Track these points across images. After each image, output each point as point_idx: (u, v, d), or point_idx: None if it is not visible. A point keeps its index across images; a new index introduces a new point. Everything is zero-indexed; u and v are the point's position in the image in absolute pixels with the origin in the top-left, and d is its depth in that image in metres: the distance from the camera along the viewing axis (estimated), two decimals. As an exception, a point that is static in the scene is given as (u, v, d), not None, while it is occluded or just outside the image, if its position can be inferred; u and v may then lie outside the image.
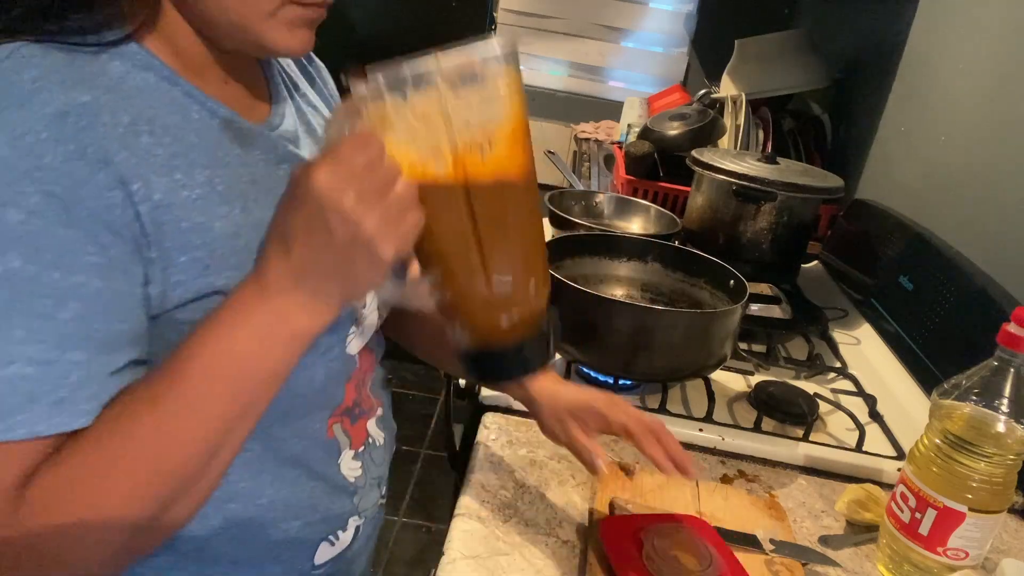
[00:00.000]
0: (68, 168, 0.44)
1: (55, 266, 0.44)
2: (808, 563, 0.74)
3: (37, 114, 0.44)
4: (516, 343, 0.56)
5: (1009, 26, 1.22)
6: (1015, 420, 0.67)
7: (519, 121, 0.50)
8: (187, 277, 0.50)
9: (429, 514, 2.23)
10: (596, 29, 2.66)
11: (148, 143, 0.49)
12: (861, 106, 1.74)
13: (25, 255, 0.43)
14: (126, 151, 0.47)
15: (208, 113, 0.54)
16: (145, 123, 0.49)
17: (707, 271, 1.08)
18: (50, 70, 0.46)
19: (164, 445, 0.46)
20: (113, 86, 0.48)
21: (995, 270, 1.11)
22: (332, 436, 0.65)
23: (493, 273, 0.52)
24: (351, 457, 0.67)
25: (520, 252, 0.54)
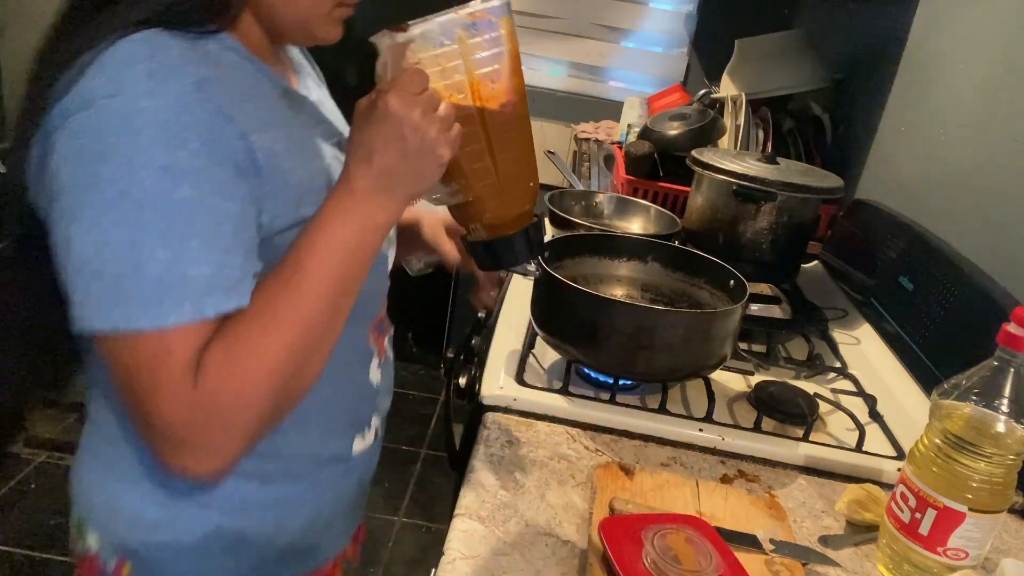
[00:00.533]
0: (210, 122, 0.58)
1: (214, 194, 0.57)
2: (808, 563, 0.74)
3: (186, 82, 0.57)
4: (517, 233, 0.71)
5: (1009, 26, 1.22)
6: (1015, 420, 0.67)
7: (516, 57, 0.66)
8: (285, 210, 0.64)
9: (429, 514, 2.23)
10: (596, 29, 2.65)
11: (249, 108, 0.62)
12: (861, 106, 1.74)
13: (193, 186, 0.56)
14: (240, 112, 0.61)
15: (273, 85, 0.69)
16: (243, 91, 0.63)
17: (707, 271, 1.08)
18: (183, 51, 0.59)
19: (298, 317, 0.60)
20: (217, 63, 0.62)
21: (995, 270, 1.11)
22: (368, 345, 0.79)
23: (502, 174, 0.68)
24: (376, 366, 0.81)
25: (521, 158, 0.69)
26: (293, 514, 0.76)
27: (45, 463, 2.24)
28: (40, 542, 1.94)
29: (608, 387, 0.99)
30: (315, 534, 0.79)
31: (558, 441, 0.90)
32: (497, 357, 1.04)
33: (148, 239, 0.55)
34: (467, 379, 1.05)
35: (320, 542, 0.81)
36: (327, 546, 0.83)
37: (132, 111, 0.55)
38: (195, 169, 0.57)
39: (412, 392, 2.85)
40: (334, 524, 0.82)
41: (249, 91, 0.64)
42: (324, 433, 0.76)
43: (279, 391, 0.60)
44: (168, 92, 0.56)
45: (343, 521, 0.84)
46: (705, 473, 0.88)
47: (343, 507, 0.82)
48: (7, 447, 2.23)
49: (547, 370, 1.04)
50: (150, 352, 0.56)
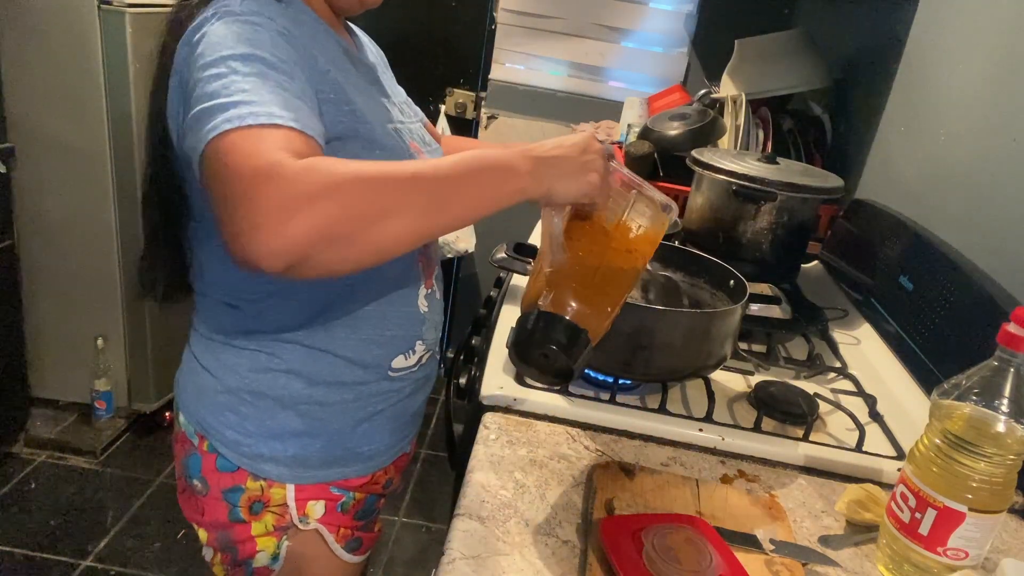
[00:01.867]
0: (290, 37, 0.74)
1: (286, 63, 0.71)
2: (808, 563, 0.74)
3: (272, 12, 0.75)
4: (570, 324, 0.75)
5: (1009, 26, 1.22)
6: (1015, 420, 0.67)
7: (649, 240, 0.81)
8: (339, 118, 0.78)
9: (429, 514, 2.23)
10: (596, 29, 2.65)
11: (322, 61, 0.79)
12: (861, 106, 1.74)
13: (271, 52, 0.71)
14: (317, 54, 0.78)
15: (336, 43, 0.86)
16: (312, 36, 0.81)
17: (707, 271, 1.08)
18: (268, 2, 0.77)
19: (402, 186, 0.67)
20: (295, 13, 0.80)
21: (995, 270, 1.10)
22: (416, 270, 0.90)
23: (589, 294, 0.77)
24: (423, 296, 0.92)
25: (606, 295, 0.78)
26: (335, 415, 0.88)
27: (45, 463, 2.24)
28: (40, 542, 1.94)
29: (608, 387, 0.99)
30: (355, 440, 0.90)
31: (558, 441, 0.90)
32: (497, 357, 1.04)
33: (239, 81, 0.68)
34: (467, 379, 1.05)
35: (360, 449, 0.91)
36: (368, 456, 0.93)
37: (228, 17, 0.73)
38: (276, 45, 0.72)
39: (412, 392, 2.84)
40: (374, 436, 0.92)
41: (317, 39, 0.82)
42: (368, 340, 0.86)
43: (358, 204, 0.64)
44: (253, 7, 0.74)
45: (383, 435, 0.93)
46: (705, 473, 0.88)
47: (384, 420, 0.92)
48: (7, 447, 2.23)
49: (547, 370, 1.04)
50: (246, 144, 0.64)
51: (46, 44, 2.00)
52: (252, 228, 0.61)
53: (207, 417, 0.87)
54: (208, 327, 0.88)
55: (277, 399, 0.85)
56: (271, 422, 0.86)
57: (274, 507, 0.88)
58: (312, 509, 0.89)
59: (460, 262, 2.90)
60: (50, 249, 2.19)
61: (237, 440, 0.86)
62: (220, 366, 0.86)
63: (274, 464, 0.87)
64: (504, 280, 1.33)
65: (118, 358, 2.32)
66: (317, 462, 0.89)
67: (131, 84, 2.05)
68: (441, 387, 2.86)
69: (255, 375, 0.85)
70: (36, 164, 2.10)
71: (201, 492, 0.89)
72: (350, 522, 0.94)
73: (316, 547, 0.91)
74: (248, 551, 0.89)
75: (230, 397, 0.86)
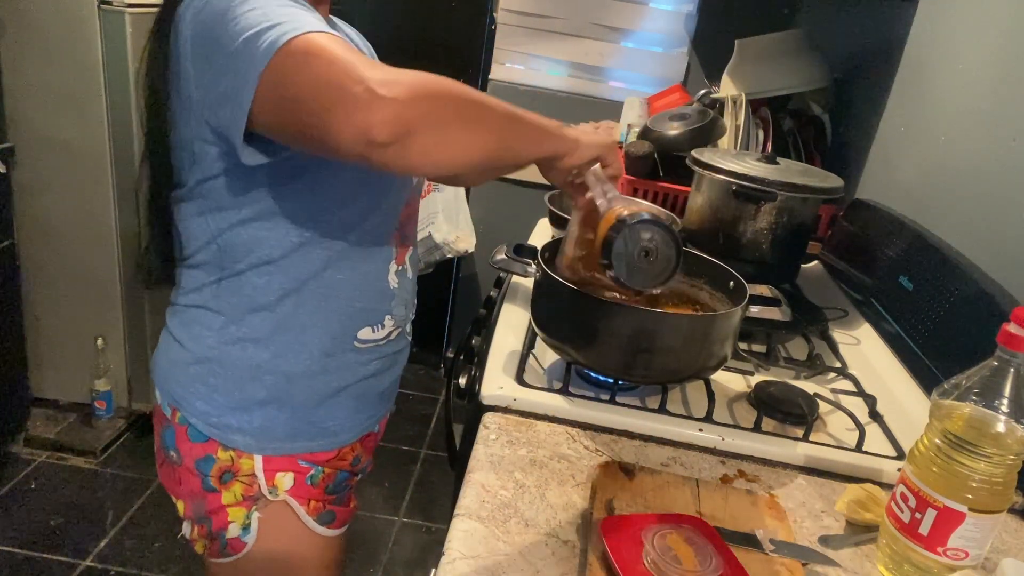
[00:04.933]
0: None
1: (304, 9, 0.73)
2: (808, 563, 0.74)
3: None
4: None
5: (1009, 26, 1.22)
6: (1015, 420, 0.67)
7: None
8: None
9: (429, 514, 2.23)
10: (596, 29, 2.65)
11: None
12: (861, 106, 1.74)
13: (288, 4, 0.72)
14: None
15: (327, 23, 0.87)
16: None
17: (707, 272, 1.08)
18: None
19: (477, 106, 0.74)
20: None
21: (995, 270, 1.11)
22: (389, 244, 0.92)
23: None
24: (394, 272, 0.93)
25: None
26: (300, 388, 0.89)
27: (45, 463, 2.24)
28: (40, 542, 1.94)
29: (608, 387, 0.99)
30: (320, 414, 0.92)
31: (558, 441, 0.90)
32: (497, 357, 1.04)
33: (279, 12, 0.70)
34: (467, 379, 1.05)
35: (325, 424, 0.93)
36: (333, 431, 0.94)
37: None
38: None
39: (412, 392, 2.85)
40: (338, 411, 0.93)
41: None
42: (338, 311, 0.89)
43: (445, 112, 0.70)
44: None
45: (348, 411, 0.95)
46: (705, 473, 0.88)
47: (349, 397, 0.93)
48: (7, 447, 2.23)
49: (547, 370, 1.04)
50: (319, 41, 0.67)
51: (46, 44, 2.00)
52: (369, 99, 0.64)
53: (178, 389, 0.90)
54: (185, 299, 0.90)
55: (244, 369, 0.88)
56: (238, 393, 0.88)
57: (243, 477, 0.90)
58: (281, 481, 0.91)
59: (460, 262, 2.90)
60: (50, 249, 2.19)
61: (207, 411, 0.88)
62: (191, 337, 0.89)
63: (242, 435, 0.89)
64: (504, 280, 1.33)
65: (118, 358, 2.32)
66: (283, 434, 0.90)
67: (131, 84, 2.05)
68: (441, 387, 2.87)
69: (224, 345, 0.87)
70: (36, 164, 2.10)
71: (176, 463, 0.92)
72: (321, 495, 0.95)
73: (287, 519, 0.92)
74: (220, 522, 0.91)
75: (200, 368, 0.88)
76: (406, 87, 0.65)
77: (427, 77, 0.68)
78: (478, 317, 1.25)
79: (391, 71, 0.66)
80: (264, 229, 0.84)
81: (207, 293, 0.87)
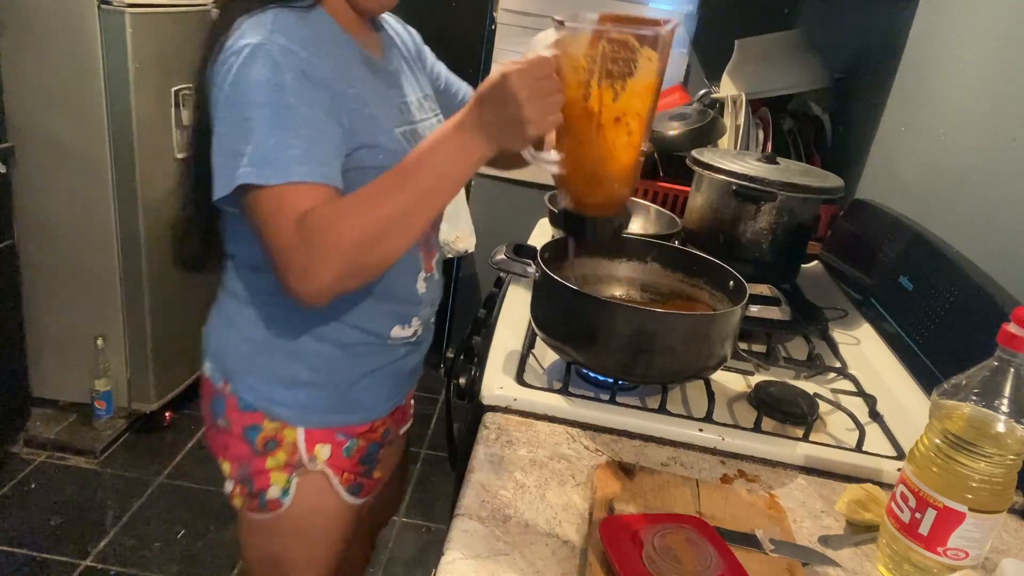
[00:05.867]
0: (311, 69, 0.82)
1: (304, 104, 0.81)
2: (808, 563, 0.74)
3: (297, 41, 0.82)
4: (587, 218, 0.87)
5: (1009, 26, 1.22)
6: (1015, 420, 0.67)
7: (649, 88, 0.78)
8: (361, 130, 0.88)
9: (429, 514, 2.23)
10: (596, 29, 2.65)
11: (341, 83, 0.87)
12: (861, 106, 1.74)
13: (295, 98, 0.80)
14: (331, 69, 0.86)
15: (357, 55, 0.93)
16: (333, 56, 0.88)
17: (707, 271, 1.08)
18: (295, 21, 0.85)
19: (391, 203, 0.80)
20: (317, 30, 0.87)
21: (995, 270, 1.11)
22: (416, 256, 1.01)
23: (588, 170, 0.82)
24: (422, 279, 1.03)
25: (612, 168, 0.82)
26: (339, 370, 0.99)
27: (45, 463, 2.24)
28: (40, 542, 1.94)
29: (608, 387, 0.99)
30: (356, 392, 1.01)
31: (558, 441, 0.90)
32: (497, 357, 1.04)
33: (263, 130, 0.79)
34: (467, 379, 1.05)
35: (361, 400, 1.02)
36: (367, 406, 1.04)
37: (257, 53, 0.80)
38: (298, 88, 0.81)
39: (412, 392, 2.84)
40: (372, 389, 1.03)
41: (337, 57, 0.89)
42: (371, 312, 0.98)
43: (360, 248, 0.79)
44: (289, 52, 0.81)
45: (381, 389, 1.05)
46: (705, 473, 0.88)
47: (382, 377, 1.03)
48: (7, 447, 2.23)
49: (547, 370, 1.04)
50: (271, 203, 0.80)
51: (46, 44, 2.00)
52: (288, 279, 0.80)
53: (230, 364, 0.99)
54: (235, 286, 0.99)
55: (289, 352, 0.97)
56: (284, 372, 0.97)
57: (286, 446, 0.98)
58: (320, 451, 1.00)
59: (460, 262, 2.90)
60: (50, 249, 2.19)
61: (256, 386, 0.97)
62: (243, 320, 0.98)
63: (286, 408, 0.97)
64: (504, 280, 1.33)
65: (118, 358, 2.32)
66: (323, 409, 0.99)
67: (131, 84, 2.04)
68: (441, 387, 2.87)
69: (272, 330, 0.96)
70: (36, 164, 2.10)
71: (225, 429, 1.00)
72: (354, 467, 1.03)
73: (322, 487, 1.01)
74: (262, 483, 0.99)
75: (250, 348, 0.97)
76: (325, 267, 0.79)
77: (339, 241, 0.78)
78: (478, 317, 1.25)
79: (314, 248, 0.78)
80: None
81: (255, 282, 0.97)
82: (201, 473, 2.26)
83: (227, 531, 2.05)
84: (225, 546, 2.01)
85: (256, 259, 0.94)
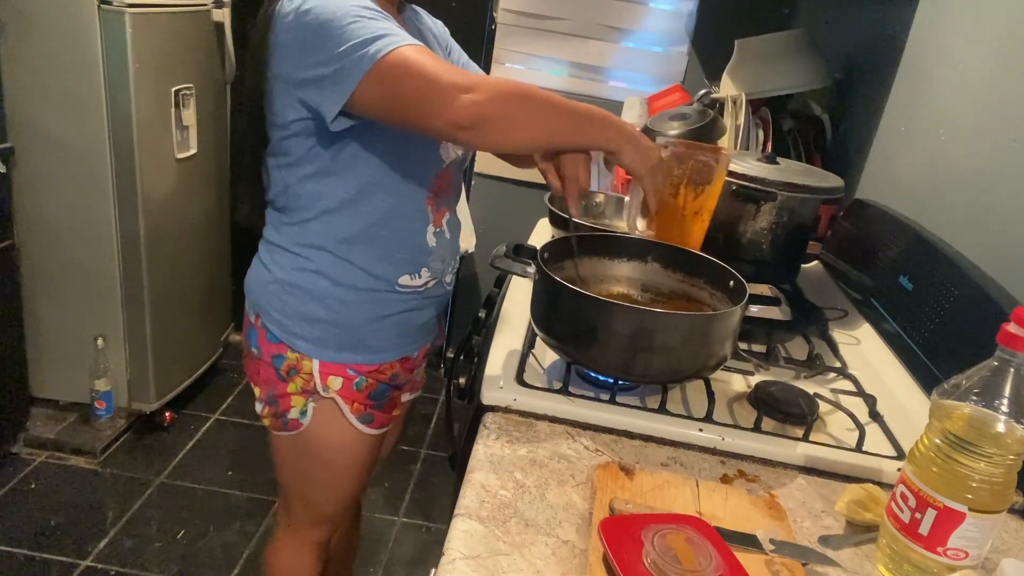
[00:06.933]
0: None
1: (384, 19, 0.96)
2: (808, 563, 0.74)
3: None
4: None
5: (1009, 26, 1.22)
6: (1015, 420, 0.67)
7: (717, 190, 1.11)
8: None
9: (429, 514, 2.23)
10: (596, 29, 2.65)
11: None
12: (861, 106, 1.74)
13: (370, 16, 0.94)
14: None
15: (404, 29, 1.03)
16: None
17: (707, 271, 1.08)
18: None
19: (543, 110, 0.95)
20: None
21: (995, 270, 1.11)
22: (426, 206, 1.12)
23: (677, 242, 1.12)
24: (431, 233, 1.14)
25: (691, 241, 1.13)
26: (351, 312, 1.12)
27: (45, 463, 2.24)
28: (40, 542, 1.94)
29: (608, 387, 0.99)
30: (366, 334, 1.14)
31: (558, 441, 0.90)
32: (497, 357, 1.04)
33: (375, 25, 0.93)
34: (467, 379, 1.05)
35: (370, 343, 1.15)
36: (376, 349, 1.16)
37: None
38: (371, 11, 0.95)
39: (412, 392, 2.84)
40: (381, 334, 1.15)
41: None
42: (381, 258, 1.10)
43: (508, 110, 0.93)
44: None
45: (390, 335, 1.17)
46: (705, 473, 0.88)
47: (391, 324, 1.15)
48: (7, 447, 2.23)
49: (547, 370, 1.04)
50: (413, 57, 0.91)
51: (46, 44, 2.00)
52: (454, 99, 0.89)
53: (261, 301, 1.14)
54: (271, 235, 1.15)
55: (308, 292, 1.11)
56: (303, 309, 1.11)
57: (304, 375, 1.13)
58: (332, 382, 1.14)
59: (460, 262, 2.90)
60: (50, 249, 2.19)
61: (280, 320, 1.12)
62: (273, 263, 1.13)
63: (304, 342, 1.12)
64: (504, 280, 1.33)
65: (118, 358, 2.32)
66: (336, 345, 1.13)
67: (131, 84, 2.05)
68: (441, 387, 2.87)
69: (295, 272, 1.11)
70: (36, 164, 2.10)
71: (257, 357, 1.16)
72: (364, 400, 1.17)
73: (334, 412, 1.16)
74: (285, 405, 1.16)
75: (277, 287, 1.12)
76: (482, 90, 0.89)
77: (498, 81, 0.92)
78: (478, 317, 1.25)
79: (468, 76, 0.90)
80: (322, 184, 1.06)
81: (285, 232, 1.12)
82: (201, 473, 2.26)
83: (227, 531, 2.06)
84: (225, 546, 2.01)
85: (284, 205, 1.10)
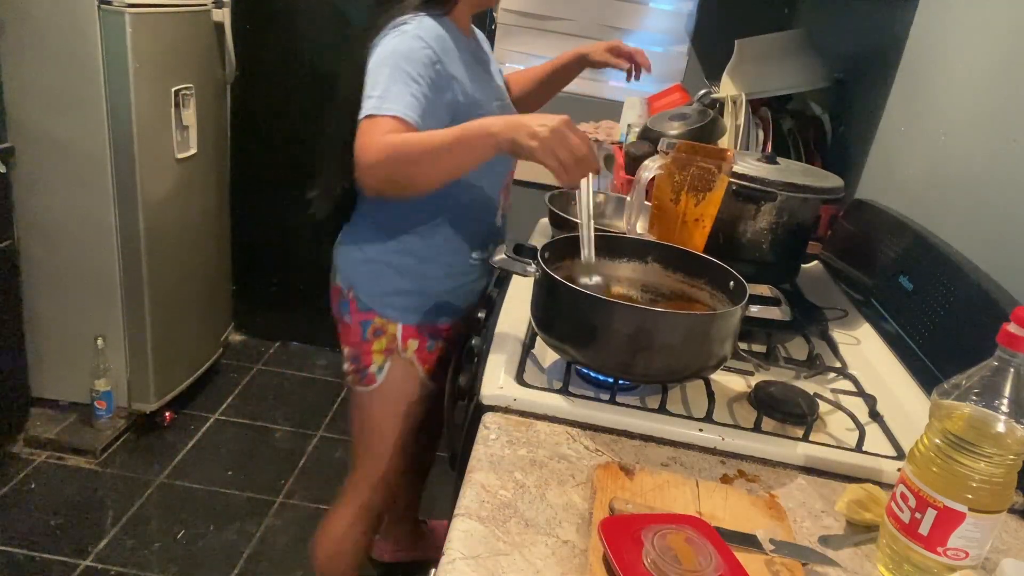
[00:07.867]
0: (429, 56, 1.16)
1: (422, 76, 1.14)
2: (808, 563, 0.74)
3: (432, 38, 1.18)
4: None
5: (1009, 26, 1.22)
6: (1015, 420, 0.67)
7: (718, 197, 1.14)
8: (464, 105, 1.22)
9: (429, 514, 2.23)
10: (596, 29, 2.65)
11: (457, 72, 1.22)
12: (861, 106, 1.74)
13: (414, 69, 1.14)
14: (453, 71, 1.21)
15: (467, 49, 1.28)
16: (452, 61, 1.21)
17: (707, 272, 1.08)
18: (434, 24, 1.20)
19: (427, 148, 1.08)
20: (446, 34, 1.21)
21: (995, 270, 1.10)
22: (499, 195, 1.39)
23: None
24: (499, 216, 1.41)
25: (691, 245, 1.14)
26: (432, 284, 1.34)
27: (45, 463, 2.23)
28: (40, 542, 1.94)
29: (608, 387, 0.99)
30: (442, 299, 1.36)
31: (558, 441, 0.90)
32: (497, 357, 1.04)
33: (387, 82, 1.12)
34: (467, 379, 1.05)
35: (444, 308, 1.36)
36: (449, 312, 1.38)
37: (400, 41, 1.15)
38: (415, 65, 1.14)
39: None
40: (452, 300, 1.38)
41: (454, 53, 1.22)
42: (460, 239, 1.34)
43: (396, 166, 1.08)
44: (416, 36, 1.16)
45: (458, 302, 1.39)
46: (705, 473, 0.88)
47: (460, 293, 1.38)
48: (7, 447, 2.23)
49: (547, 370, 1.04)
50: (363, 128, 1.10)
51: (46, 44, 2.00)
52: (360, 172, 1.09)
53: (354, 276, 1.34)
54: (361, 217, 1.35)
55: (396, 269, 1.32)
56: (392, 284, 1.32)
57: (388, 337, 1.33)
58: (411, 344, 1.35)
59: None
60: (50, 249, 2.19)
61: (371, 291, 1.33)
62: (364, 243, 1.33)
63: (391, 309, 1.33)
64: (504, 280, 1.33)
65: (118, 358, 2.32)
66: (417, 311, 1.34)
67: (131, 84, 2.04)
68: (441, 387, 2.87)
69: (385, 252, 1.32)
70: (36, 164, 2.10)
71: (348, 323, 1.36)
72: (434, 360, 1.39)
73: (409, 371, 1.37)
74: (366, 361, 1.36)
75: (369, 265, 1.33)
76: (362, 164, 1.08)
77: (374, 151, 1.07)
78: (478, 317, 1.25)
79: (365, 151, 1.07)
80: None
81: (379, 215, 1.32)
82: (201, 473, 2.26)
83: (227, 531, 2.06)
84: (225, 546, 2.01)
85: (381, 203, 1.28)
